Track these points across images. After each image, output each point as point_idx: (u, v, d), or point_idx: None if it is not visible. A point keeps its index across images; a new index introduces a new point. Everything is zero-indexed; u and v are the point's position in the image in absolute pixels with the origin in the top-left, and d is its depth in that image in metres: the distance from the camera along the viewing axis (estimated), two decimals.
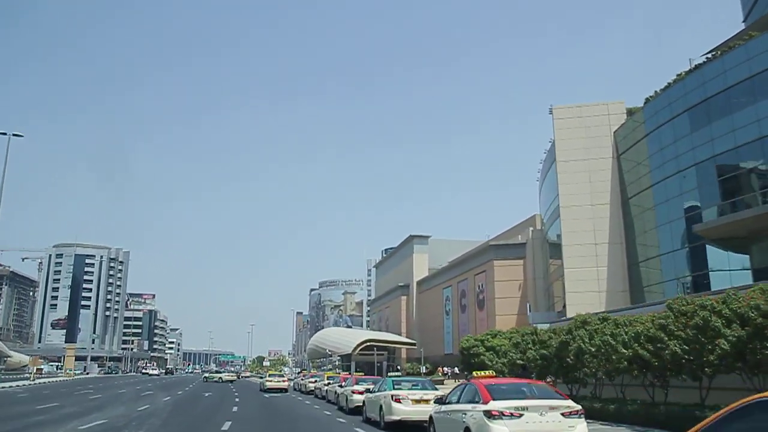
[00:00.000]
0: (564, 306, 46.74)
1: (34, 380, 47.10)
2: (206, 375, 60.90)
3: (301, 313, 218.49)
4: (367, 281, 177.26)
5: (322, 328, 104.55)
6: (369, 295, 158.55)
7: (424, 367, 62.92)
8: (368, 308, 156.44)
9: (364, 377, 23.13)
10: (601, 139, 44.22)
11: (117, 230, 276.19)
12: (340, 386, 22.42)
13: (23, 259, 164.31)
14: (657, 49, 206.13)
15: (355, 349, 59.49)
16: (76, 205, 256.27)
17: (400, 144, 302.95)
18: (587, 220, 43.14)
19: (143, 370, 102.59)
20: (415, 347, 63.04)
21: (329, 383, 27.19)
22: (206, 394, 31.42)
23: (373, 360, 61.59)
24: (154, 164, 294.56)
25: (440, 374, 50.12)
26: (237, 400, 27.17)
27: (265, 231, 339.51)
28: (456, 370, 49.38)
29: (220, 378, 56.74)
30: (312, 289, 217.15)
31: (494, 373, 10.04)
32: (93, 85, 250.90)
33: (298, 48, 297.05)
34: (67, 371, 67.68)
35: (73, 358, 72.30)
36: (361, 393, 19.13)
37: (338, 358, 60.70)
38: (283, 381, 37.15)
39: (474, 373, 9.90)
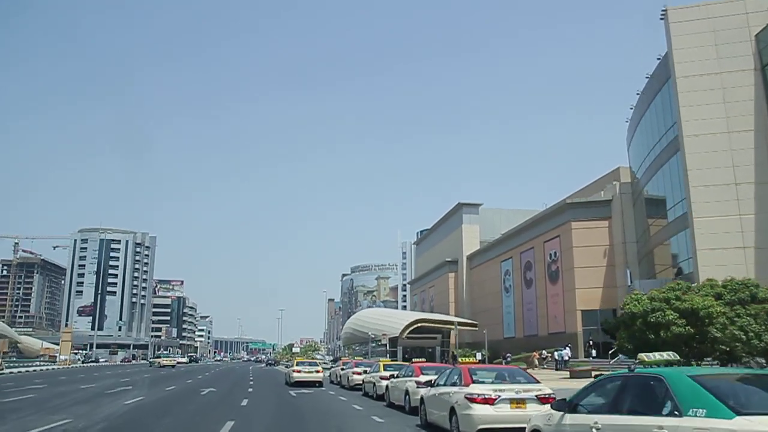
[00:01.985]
0: (680, 271, 35.77)
1: (2, 369, 38.70)
2: (150, 360, 68.19)
3: (333, 299, 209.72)
4: (402, 264, 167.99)
5: (355, 314, 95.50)
6: (404, 280, 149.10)
7: (480, 354, 52.43)
8: (404, 292, 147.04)
9: (479, 367, 12.21)
10: (737, 47, 33.23)
11: (143, 216, 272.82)
12: (433, 385, 11.62)
13: (54, 247, 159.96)
14: None
15: (403, 331, 49.54)
16: (101, 192, 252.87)
17: (428, 130, 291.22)
18: (723, 152, 32.00)
19: (151, 359, 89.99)
20: (476, 328, 52.55)
21: (392, 375, 16.95)
22: (203, 392, 21.45)
23: (423, 344, 51.71)
24: (181, 149, 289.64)
25: (537, 362, 40.42)
26: (244, 402, 17.12)
27: (295, 216, 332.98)
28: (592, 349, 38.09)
29: (158, 363, 61.93)
30: (344, 275, 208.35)
31: None
32: (117, 71, 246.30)
33: (334, 33, 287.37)
34: (60, 359, 61.00)
35: (69, 344, 65.54)
36: (487, 402, 8.83)
37: (386, 342, 50.72)
38: (317, 371, 27.36)
39: None
